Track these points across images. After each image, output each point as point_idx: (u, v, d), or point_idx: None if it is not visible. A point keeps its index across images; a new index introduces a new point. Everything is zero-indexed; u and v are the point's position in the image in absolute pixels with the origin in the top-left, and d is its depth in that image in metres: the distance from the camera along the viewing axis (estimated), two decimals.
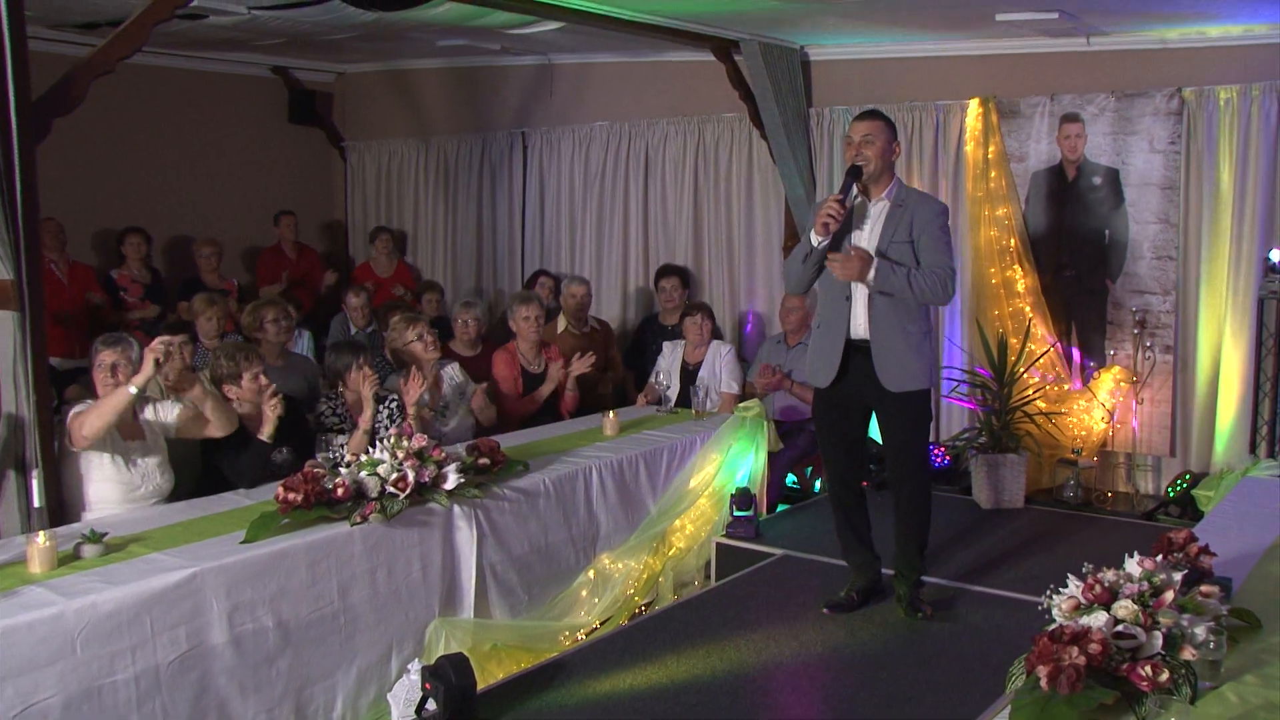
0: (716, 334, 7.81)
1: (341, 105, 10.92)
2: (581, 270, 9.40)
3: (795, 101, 8.16)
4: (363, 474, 4.48)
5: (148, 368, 4.55)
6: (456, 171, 10.17)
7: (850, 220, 4.81)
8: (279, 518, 4.23)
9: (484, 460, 5.00)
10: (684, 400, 7.08)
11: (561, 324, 7.91)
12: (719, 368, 7.38)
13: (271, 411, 5.09)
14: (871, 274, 4.68)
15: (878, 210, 4.83)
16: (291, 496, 4.26)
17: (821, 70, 8.41)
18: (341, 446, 5.45)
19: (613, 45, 8.62)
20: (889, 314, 4.78)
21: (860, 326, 4.83)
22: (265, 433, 5.08)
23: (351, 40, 8.67)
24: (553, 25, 7.45)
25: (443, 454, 4.75)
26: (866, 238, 4.82)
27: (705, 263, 8.97)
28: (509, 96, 9.90)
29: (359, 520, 4.35)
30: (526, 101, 9.81)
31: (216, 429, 4.97)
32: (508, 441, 5.68)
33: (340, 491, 4.37)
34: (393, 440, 4.63)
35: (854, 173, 4.75)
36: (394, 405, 5.67)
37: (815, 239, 4.76)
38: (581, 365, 6.88)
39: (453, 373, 6.50)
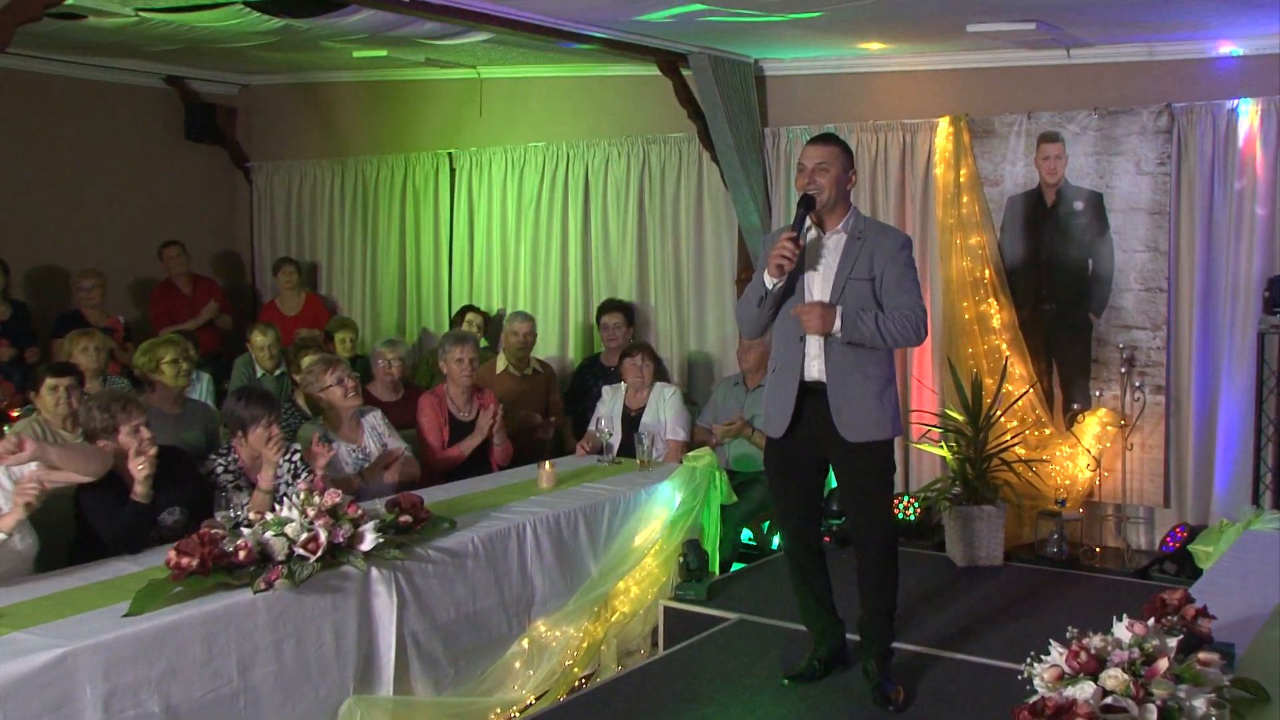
0: (661, 375, 7.82)
1: (246, 121, 10.87)
2: (515, 306, 9.40)
3: (749, 121, 8.20)
4: (268, 534, 4.40)
5: (17, 511, 4.38)
6: (376, 196, 10.16)
7: (803, 257, 4.82)
8: (170, 586, 4.14)
9: (406, 518, 4.95)
10: (628, 449, 7.05)
11: (501, 364, 7.89)
12: (663, 413, 7.38)
13: (140, 470, 4.89)
14: (836, 324, 4.70)
15: (833, 244, 4.84)
16: (186, 561, 4.17)
17: (778, 86, 8.45)
18: (244, 505, 5.35)
19: (548, 58, 8.63)
20: (847, 356, 4.79)
21: (815, 369, 4.84)
22: (138, 493, 4.89)
23: (257, 49, 8.62)
24: (481, 36, 7.45)
25: (359, 511, 4.69)
26: (821, 277, 4.84)
27: (651, 297, 8.99)
28: (434, 113, 9.91)
29: (263, 587, 4.27)
30: (454, 119, 9.82)
31: (83, 476, 4.74)
32: (432, 496, 5.64)
33: (242, 554, 4.29)
34: (302, 496, 4.57)
35: (806, 203, 4.76)
36: (297, 457, 5.59)
37: (769, 281, 4.77)
38: (497, 422, 6.88)
39: (375, 421, 6.46)
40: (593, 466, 6.75)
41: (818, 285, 4.82)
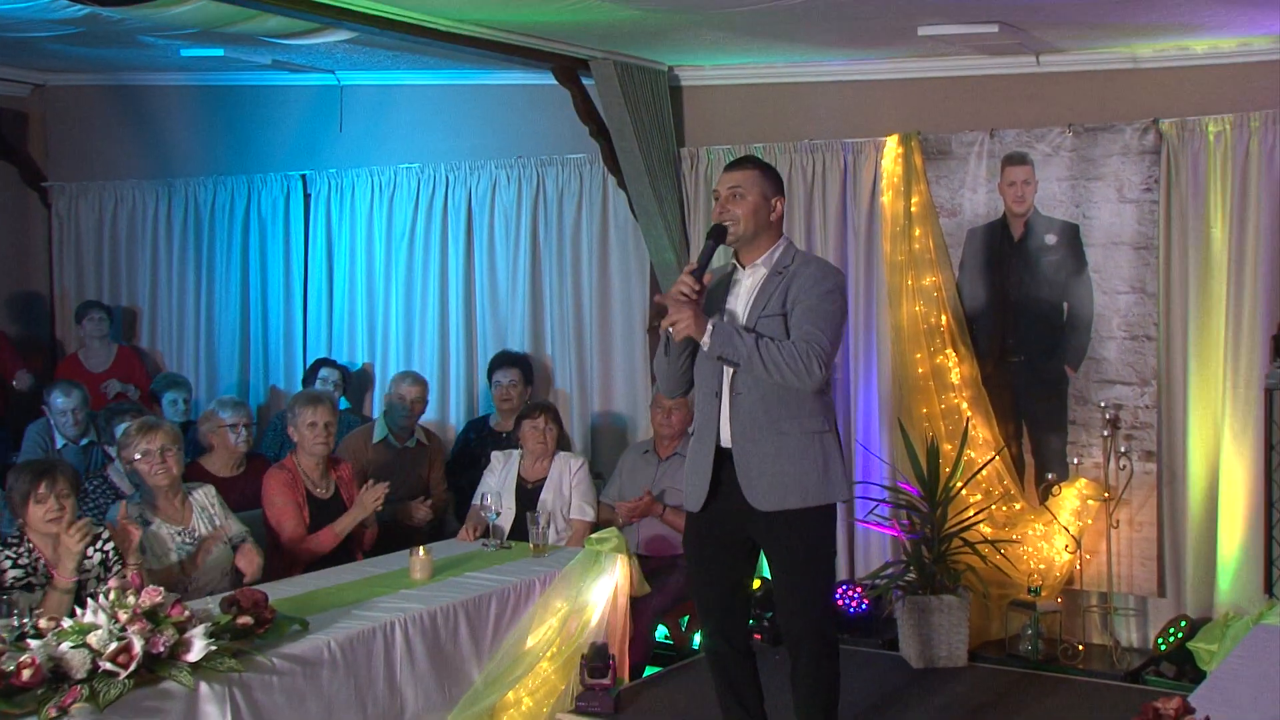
0: (563, 443, 7.75)
1: (43, 130, 10.68)
2: (384, 359, 9.35)
3: (662, 139, 8.22)
4: (65, 646, 4.28)
5: None
6: (212, 226, 10.03)
7: (724, 295, 4.99)
8: None
9: (245, 619, 4.85)
10: (521, 530, 6.98)
11: (380, 432, 7.91)
12: (567, 487, 7.32)
13: None
14: (707, 333, 4.75)
15: (752, 281, 4.97)
16: None
17: (697, 98, 8.49)
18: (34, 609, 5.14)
19: (423, 62, 8.59)
20: (757, 410, 4.86)
21: (728, 429, 4.93)
22: None
23: (55, 41, 8.42)
24: (341, 35, 7.37)
25: (186, 612, 4.61)
26: (730, 318, 4.95)
27: (547, 348, 8.98)
28: (285, 127, 9.86)
29: (55, 714, 4.12)
30: (308, 134, 9.76)
31: None
32: (279, 592, 5.58)
33: (26, 674, 4.13)
34: (113, 595, 4.44)
35: (716, 235, 4.88)
36: (110, 547, 5.47)
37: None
38: (381, 493, 6.80)
39: (205, 499, 6.32)
40: (477, 552, 6.69)
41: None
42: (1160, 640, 7.05)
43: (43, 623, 4.46)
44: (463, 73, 8.90)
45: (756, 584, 6.92)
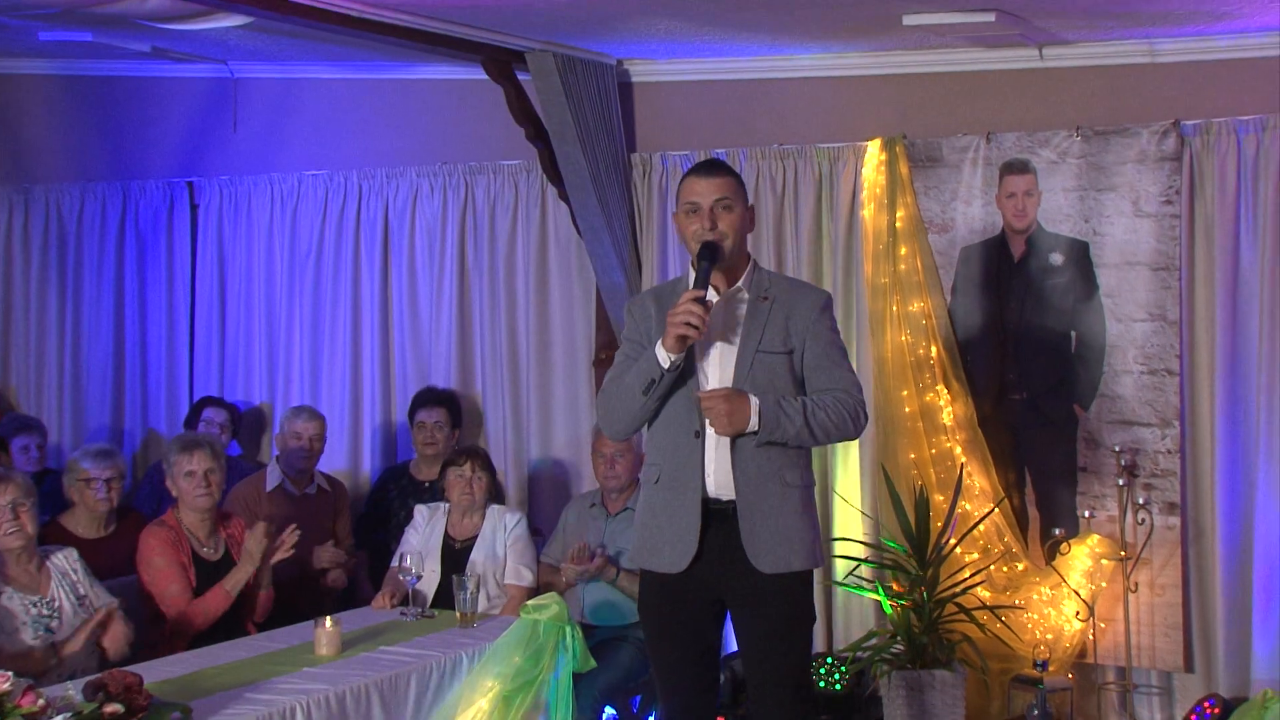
0: (496, 494, 7.68)
1: None
2: (289, 400, 9.20)
3: (610, 143, 8.18)
4: None
5: None
6: (79, 242, 9.84)
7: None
8: None
9: (114, 708, 4.66)
10: (445, 597, 6.90)
11: (274, 478, 7.80)
12: (501, 546, 7.23)
13: None
14: (753, 420, 4.77)
15: (733, 308, 4.97)
16: None
17: (650, 97, 8.50)
18: None
19: (331, 53, 8.51)
20: (760, 456, 4.86)
21: (721, 479, 4.89)
22: None
23: None
24: (232, 20, 7.30)
25: (40, 699, 4.47)
26: (719, 353, 4.94)
27: (476, 384, 8.92)
28: (167, 126, 9.73)
29: None
30: (195, 135, 9.65)
31: None
32: (157, 672, 5.47)
33: None
34: None
35: (710, 255, 4.83)
36: None
37: (666, 357, 4.79)
38: (288, 543, 6.72)
39: (66, 564, 6.18)
40: (395, 623, 6.57)
41: (714, 364, 4.92)
42: None
43: None
44: (379, 65, 8.82)
45: None
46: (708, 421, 4.85)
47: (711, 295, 4.88)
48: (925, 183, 7.68)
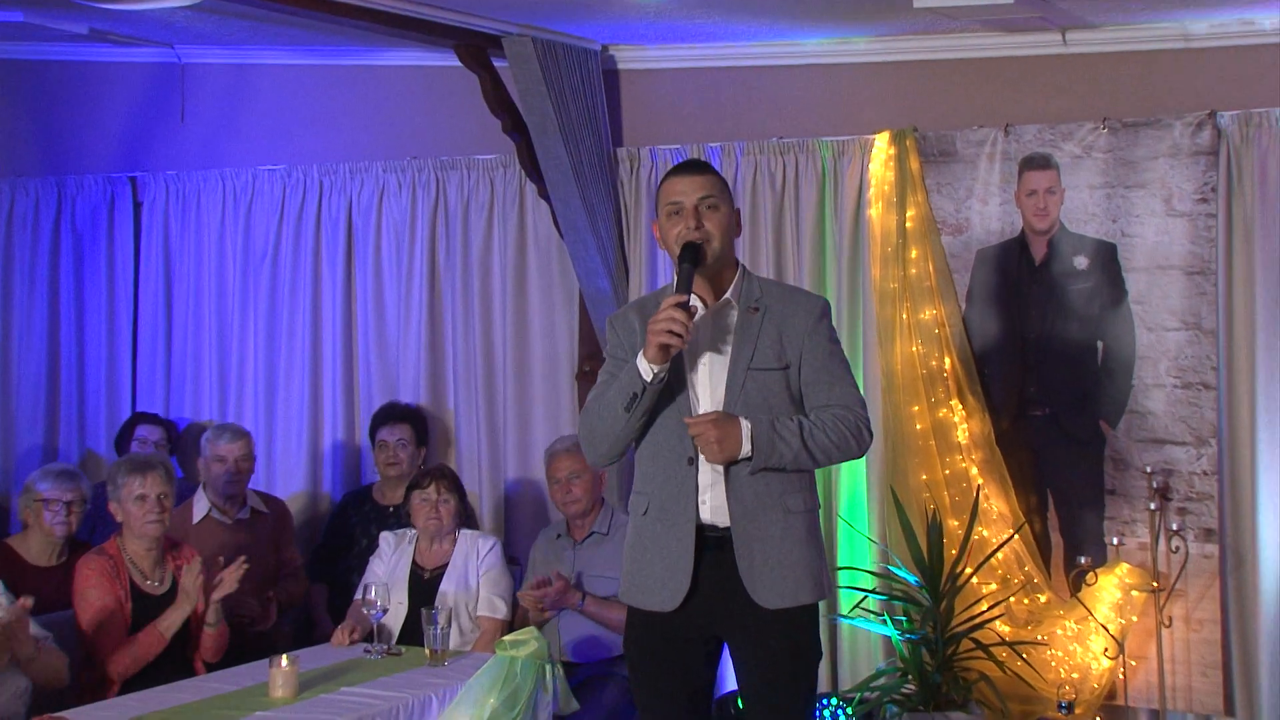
0: (467, 519, 7.64)
1: None
2: (240, 414, 9.14)
3: (594, 136, 8.15)
4: None
5: None
6: (8, 243, 9.79)
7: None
8: None
9: None
10: (413, 632, 6.83)
11: (202, 507, 7.71)
12: (474, 576, 7.17)
13: None
14: (745, 447, 4.75)
15: (722, 320, 4.95)
16: None
17: (638, 85, 8.51)
18: None
19: (289, 36, 8.50)
20: (759, 483, 4.83)
21: (717, 505, 4.85)
22: None
23: None
24: (180, 1, 7.28)
25: None
26: (707, 369, 4.93)
27: (448, 399, 8.88)
28: (108, 116, 9.71)
29: None
30: (139, 126, 9.62)
31: None
32: (92, 717, 5.50)
33: None
34: None
35: (693, 256, 4.81)
36: None
37: (649, 369, 4.74)
38: (231, 577, 6.63)
39: None
40: (358, 661, 6.53)
41: (704, 384, 4.90)
42: None
43: None
44: (341, 50, 8.84)
45: None
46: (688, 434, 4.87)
47: (698, 305, 4.88)
48: (938, 179, 7.66)
